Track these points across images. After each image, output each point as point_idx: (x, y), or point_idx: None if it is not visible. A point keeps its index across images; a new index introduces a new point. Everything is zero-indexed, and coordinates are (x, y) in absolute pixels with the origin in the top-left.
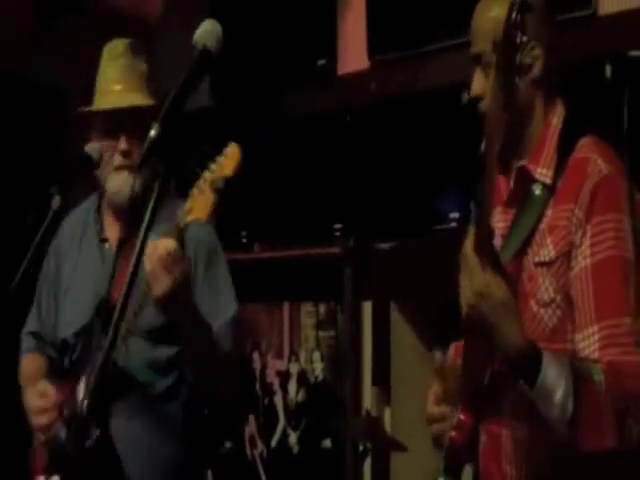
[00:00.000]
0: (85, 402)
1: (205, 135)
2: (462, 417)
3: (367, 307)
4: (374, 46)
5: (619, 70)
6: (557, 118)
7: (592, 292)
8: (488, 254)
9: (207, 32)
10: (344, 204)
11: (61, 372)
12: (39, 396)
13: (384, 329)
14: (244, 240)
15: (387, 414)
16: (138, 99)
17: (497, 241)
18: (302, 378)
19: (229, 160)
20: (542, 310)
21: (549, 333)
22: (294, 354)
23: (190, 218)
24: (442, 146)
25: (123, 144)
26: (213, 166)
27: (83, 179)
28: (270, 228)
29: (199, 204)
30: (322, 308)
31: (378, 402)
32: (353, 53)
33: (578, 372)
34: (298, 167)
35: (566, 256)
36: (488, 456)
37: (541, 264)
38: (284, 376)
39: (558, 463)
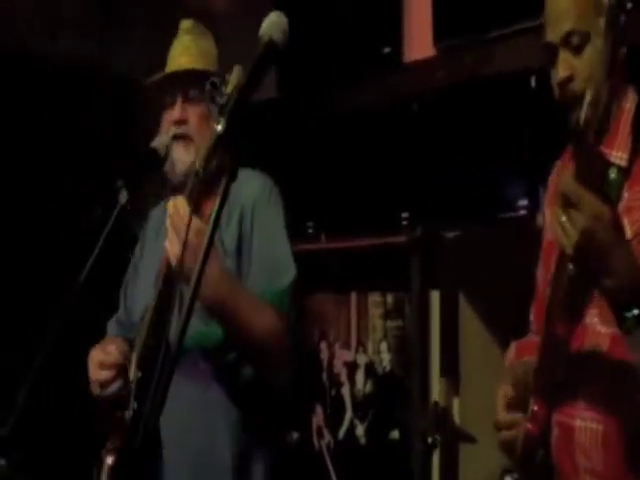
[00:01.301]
0: (133, 373)
1: (271, 127)
2: (536, 408)
3: (435, 297)
4: (440, 32)
5: None
6: (630, 103)
7: None
8: (590, 181)
9: (273, 24)
10: (411, 193)
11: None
12: (101, 350)
13: (452, 319)
14: (310, 230)
15: (455, 405)
16: (194, 65)
17: None
18: (370, 369)
19: (229, 87)
20: None
21: None
22: (361, 344)
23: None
24: (511, 133)
25: (177, 112)
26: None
27: (150, 174)
28: (337, 218)
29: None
30: (389, 298)
31: (446, 393)
32: (419, 40)
33: None
34: (364, 156)
35: None
36: (561, 449)
37: None
38: (351, 367)
39: (633, 456)
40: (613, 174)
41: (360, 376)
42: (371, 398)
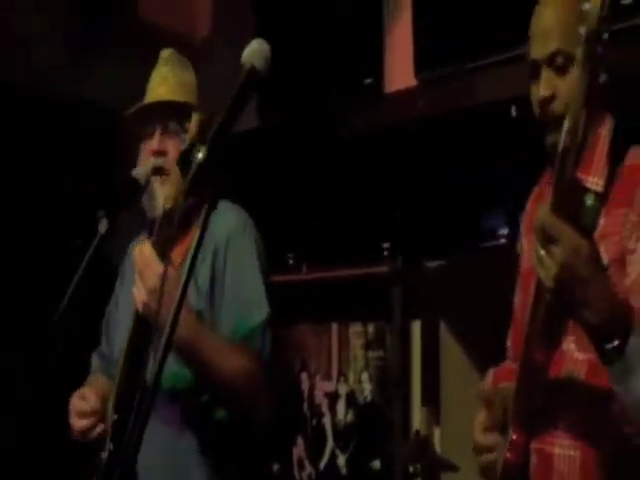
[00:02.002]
0: (110, 414)
1: (252, 157)
2: (515, 437)
3: (416, 326)
4: (421, 63)
5: None
6: (606, 130)
7: None
8: (567, 211)
9: (255, 52)
10: (392, 223)
11: None
12: (79, 398)
13: (433, 349)
14: (292, 261)
15: (437, 434)
16: (172, 97)
17: None
18: (351, 399)
19: (189, 133)
20: None
21: None
22: (343, 375)
23: (167, 204)
24: (491, 162)
25: (155, 143)
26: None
27: (130, 203)
28: (318, 248)
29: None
30: (371, 328)
31: (428, 423)
32: (400, 71)
33: None
34: (346, 186)
35: (619, 262)
36: (539, 476)
37: None
38: (333, 397)
39: None
40: (590, 200)
41: (341, 406)
42: (352, 428)
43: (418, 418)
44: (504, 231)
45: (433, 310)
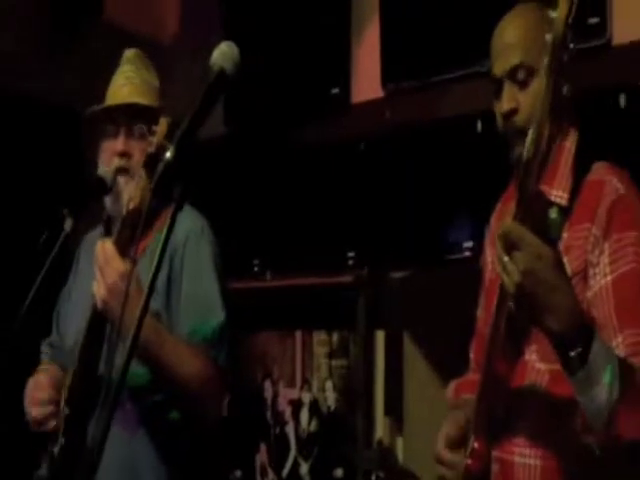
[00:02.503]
0: (62, 408)
1: (218, 163)
2: (476, 445)
3: (380, 336)
4: (388, 75)
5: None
6: (570, 143)
7: (614, 306)
8: (532, 221)
9: (224, 54)
10: (358, 233)
11: None
12: (35, 387)
13: (397, 358)
14: (256, 268)
15: (399, 444)
16: (138, 100)
17: None
18: (314, 407)
19: (157, 136)
20: None
21: None
22: (306, 383)
23: (131, 205)
24: (456, 175)
25: (120, 144)
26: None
27: (96, 202)
28: (283, 256)
29: (137, 189)
30: (335, 337)
31: (390, 432)
32: (367, 82)
33: (620, 358)
34: (312, 196)
35: (582, 275)
36: None
37: None
38: (296, 405)
39: None
40: (554, 214)
41: (304, 414)
42: (315, 436)
43: (381, 427)
44: (469, 244)
45: (397, 320)
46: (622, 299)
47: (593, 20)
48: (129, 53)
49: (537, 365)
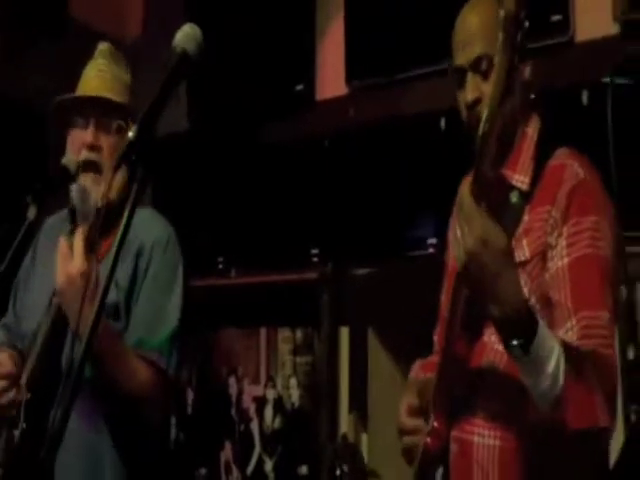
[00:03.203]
0: (22, 393)
1: (182, 158)
2: (436, 424)
3: (344, 333)
4: (352, 72)
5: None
6: (532, 129)
7: (569, 287)
8: (487, 200)
9: (187, 35)
10: (322, 229)
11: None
12: None
13: (361, 355)
14: (221, 266)
15: (364, 440)
16: (110, 95)
17: None
18: (278, 404)
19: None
20: None
21: None
22: (271, 380)
23: (102, 201)
24: (420, 172)
25: (90, 136)
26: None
27: (60, 191)
28: (247, 254)
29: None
30: (299, 333)
31: (355, 428)
32: (331, 79)
33: (568, 346)
34: (276, 192)
35: (541, 256)
36: (459, 465)
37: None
38: (260, 402)
39: (528, 473)
40: (515, 197)
41: (269, 411)
42: (280, 433)
43: (345, 424)
44: (432, 241)
45: (361, 317)
46: (576, 283)
47: (556, 17)
48: (102, 46)
49: (496, 346)
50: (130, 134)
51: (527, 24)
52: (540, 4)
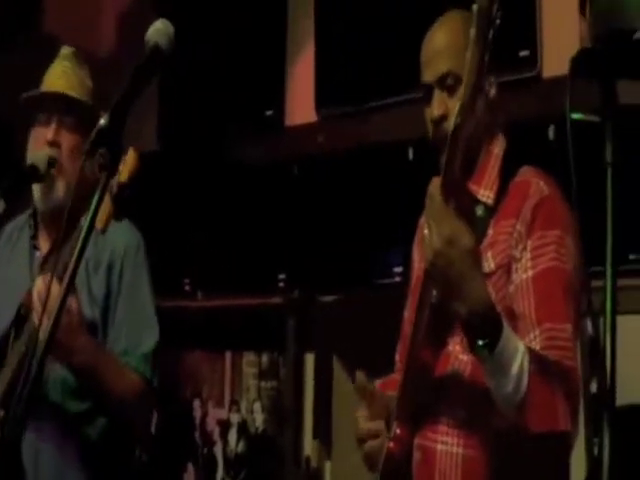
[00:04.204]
0: None
1: (150, 178)
2: (399, 431)
3: (310, 359)
4: (322, 99)
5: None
6: (498, 148)
7: (534, 299)
8: (455, 200)
9: (159, 30)
10: (289, 255)
11: None
12: None
13: (326, 381)
14: (187, 287)
15: (327, 467)
16: (73, 93)
17: None
18: (242, 428)
19: (125, 166)
20: None
21: None
22: (235, 403)
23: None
24: (387, 200)
25: (51, 133)
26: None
27: (28, 188)
28: (214, 276)
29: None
30: (264, 358)
31: (319, 454)
32: (301, 105)
33: (533, 351)
34: (243, 216)
35: (505, 268)
36: (422, 473)
37: None
38: (224, 425)
39: (492, 478)
40: (480, 211)
41: (233, 435)
42: (243, 457)
43: (309, 450)
44: (399, 269)
45: (327, 343)
46: (541, 295)
47: (524, 53)
48: (66, 50)
49: (460, 356)
50: (102, 121)
51: (499, 22)
52: (508, 39)
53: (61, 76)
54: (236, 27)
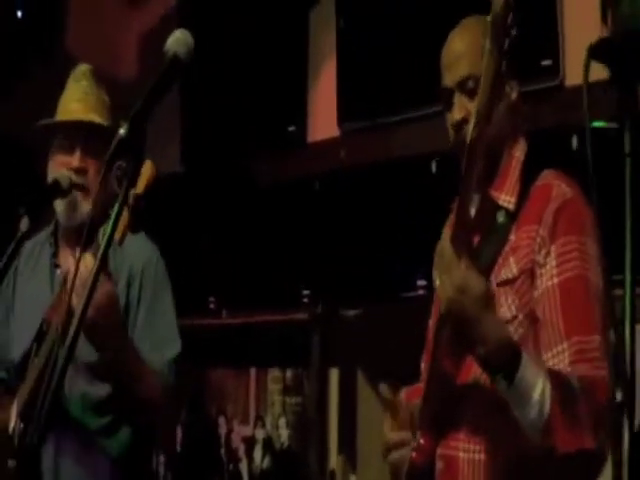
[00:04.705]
0: (14, 423)
1: (175, 201)
2: (422, 441)
3: (334, 373)
4: (344, 114)
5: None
6: (520, 152)
7: (560, 310)
8: (465, 247)
9: (178, 40)
10: (313, 270)
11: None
12: None
13: (351, 396)
14: (212, 306)
15: None
16: (96, 118)
17: None
18: (268, 444)
19: (142, 178)
20: None
21: None
22: (260, 420)
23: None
24: (410, 214)
25: (76, 160)
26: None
27: (51, 205)
28: (238, 294)
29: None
30: (289, 374)
31: (344, 469)
32: (323, 120)
33: (554, 374)
34: (267, 233)
35: (528, 274)
36: None
37: (504, 283)
38: (250, 442)
39: None
40: (501, 218)
41: (258, 451)
42: (269, 474)
43: (334, 465)
44: (422, 282)
45: (351, 357)
46: (567, 305)
47: (546, 62)
48: (83, 67)
49: None
50: (121, 131)
51: (515, 31)
52: (530, 49)
53: (81, 99)
54: (258, 44)
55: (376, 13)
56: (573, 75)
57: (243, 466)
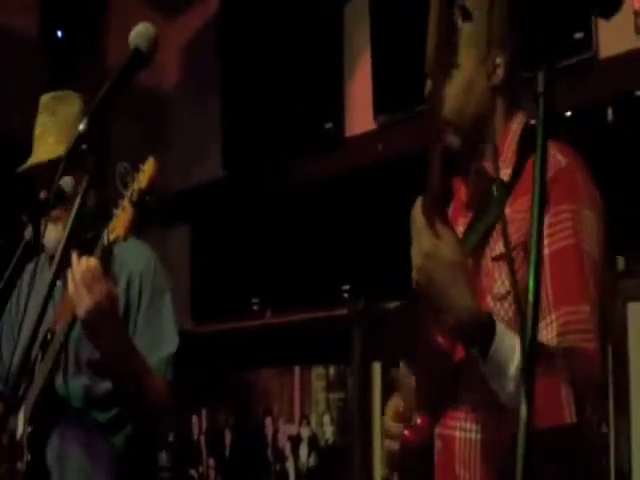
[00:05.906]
0: (23, 427)
1: (218, 205)
2: (419, 421)
3: (376, 368)
4: (379, 106)
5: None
6: (517, 125)
7: (550, 281)
8: (436, 214)
9: (139, 33)
10: (352, 265)
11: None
12: None
13: (394, 389)
14: (256, 307)
15: (396, 476)
16: (61, 147)
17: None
18: (313, 442)
19: (144, 174)
20: (498, 304)
21: None
22: (305, 418)
23: (112, 236)
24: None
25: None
26: (131, 182)
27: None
28: (280, 293)
29: (120, 221)
30: (332, 370)
31: None
32: (359, 115)
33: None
34: (307, 231)
35: (522, 247)
36: (442, 462)
37: (497, 258)
38: (295, 440)
39: (506, 467)
40: (496, 190)
41: (304, 449)
42: (315, 471)
43: (380, 461)
44: None
45: (393, 351)
46: (556, 276)
47: (578, 35)
48: (44, 98)
49: None
50: (80, 126)
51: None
52: (562, 23)
53: (39, 137)
54: (292, 43)
55: (409, 5)
56: (607, 47)
57: (290, 465)
